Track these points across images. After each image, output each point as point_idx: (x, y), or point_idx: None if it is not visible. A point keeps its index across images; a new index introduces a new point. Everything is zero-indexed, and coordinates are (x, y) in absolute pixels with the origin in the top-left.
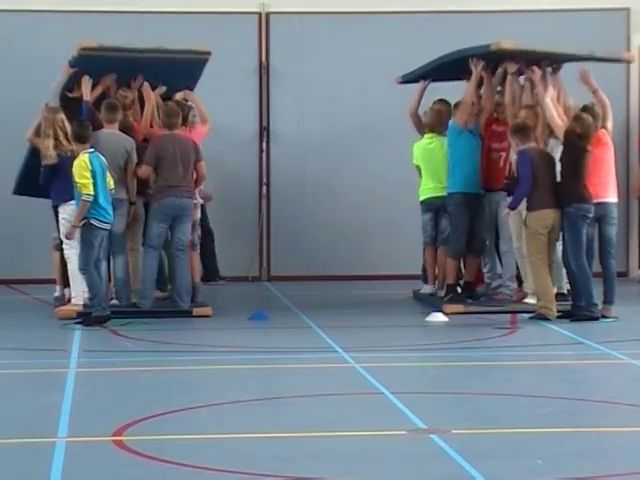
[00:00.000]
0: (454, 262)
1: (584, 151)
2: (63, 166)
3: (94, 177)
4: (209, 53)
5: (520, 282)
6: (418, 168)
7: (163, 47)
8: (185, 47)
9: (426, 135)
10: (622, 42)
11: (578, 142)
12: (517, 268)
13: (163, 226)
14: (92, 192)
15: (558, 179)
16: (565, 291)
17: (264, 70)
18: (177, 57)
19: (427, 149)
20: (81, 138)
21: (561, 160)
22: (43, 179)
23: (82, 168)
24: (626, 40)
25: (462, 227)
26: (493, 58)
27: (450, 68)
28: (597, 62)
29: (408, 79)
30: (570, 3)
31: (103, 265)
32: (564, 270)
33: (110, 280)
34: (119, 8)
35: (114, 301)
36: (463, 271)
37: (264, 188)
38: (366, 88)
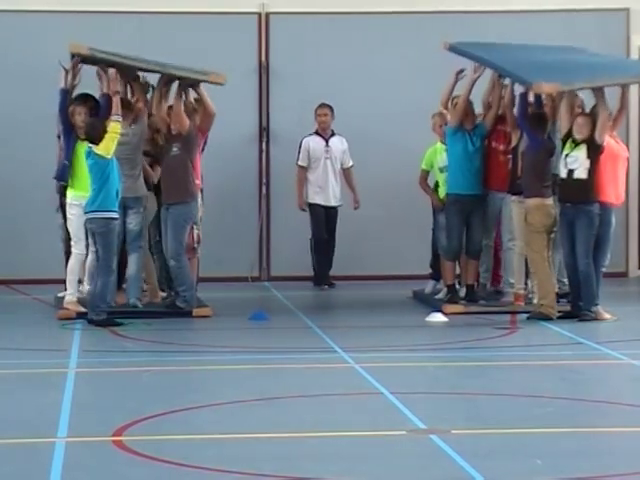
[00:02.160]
0: (449, 263)
1: (602, 153)
2: None
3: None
4: (221, 84)
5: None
6: None
7: (169, 67)
8: (196, 71)
9: None
10: (622, 42)
11: (603, 146)
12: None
13: None
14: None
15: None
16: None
17: (264, 70)
18: (181, 76)
19: None
20: (91, 140)
21: (591, 159)
22: None
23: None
24: (626, 40)
25: (454, 229)
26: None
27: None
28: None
29: (455, 51)
30: (570, 3)
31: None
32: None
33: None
34: (119, 8)
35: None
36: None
37: (264, 188)
38: (366, 88)
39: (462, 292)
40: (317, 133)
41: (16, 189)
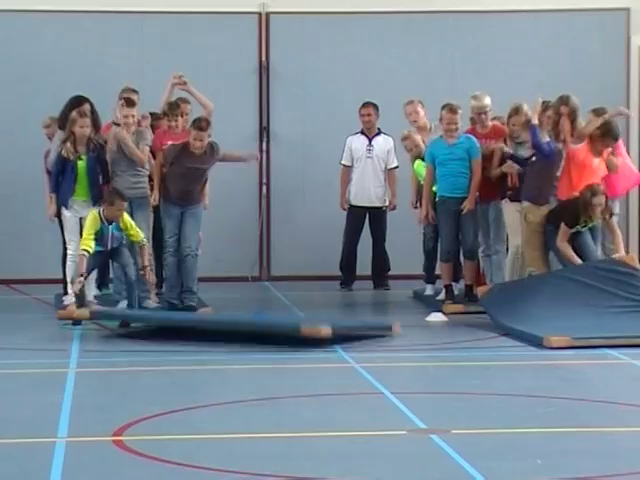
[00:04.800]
0: (443, 264)
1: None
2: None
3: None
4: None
5: None
6: None
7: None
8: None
9: None
10: (622, 42)
11: None
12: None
13: None
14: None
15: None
16: None
17: (264, 70)
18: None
19: None
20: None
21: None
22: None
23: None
24: (626, 40)
25: (444, 230)
26: None
27: None
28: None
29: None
30: (570, 3)
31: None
32: None
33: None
34: (119, 8)
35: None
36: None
37: (264, 188)
38: (366, 88)
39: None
40: (362, 132)
41: (16, 189)
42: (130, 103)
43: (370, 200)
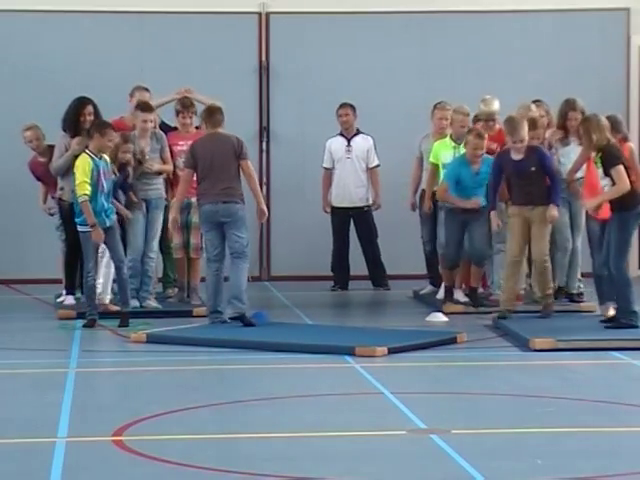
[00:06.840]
0: (445, 270)
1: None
2: None
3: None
4: None
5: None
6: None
7: None
8: None
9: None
10: (622, 42)
11: None
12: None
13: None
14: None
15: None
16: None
17: (264, 70)
18: None
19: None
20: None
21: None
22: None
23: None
24: (626, 40)
25: (451, 237)
26: None
27: None
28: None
29: None
30: (570, 3)
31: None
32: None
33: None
34: (119, 8)
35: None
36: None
37: (264, 188)
38: (366, 88)
39: (457, 294)
40: (341, 134)
41: (16, 189)
42: (147, 108)
43: (352, 201)
